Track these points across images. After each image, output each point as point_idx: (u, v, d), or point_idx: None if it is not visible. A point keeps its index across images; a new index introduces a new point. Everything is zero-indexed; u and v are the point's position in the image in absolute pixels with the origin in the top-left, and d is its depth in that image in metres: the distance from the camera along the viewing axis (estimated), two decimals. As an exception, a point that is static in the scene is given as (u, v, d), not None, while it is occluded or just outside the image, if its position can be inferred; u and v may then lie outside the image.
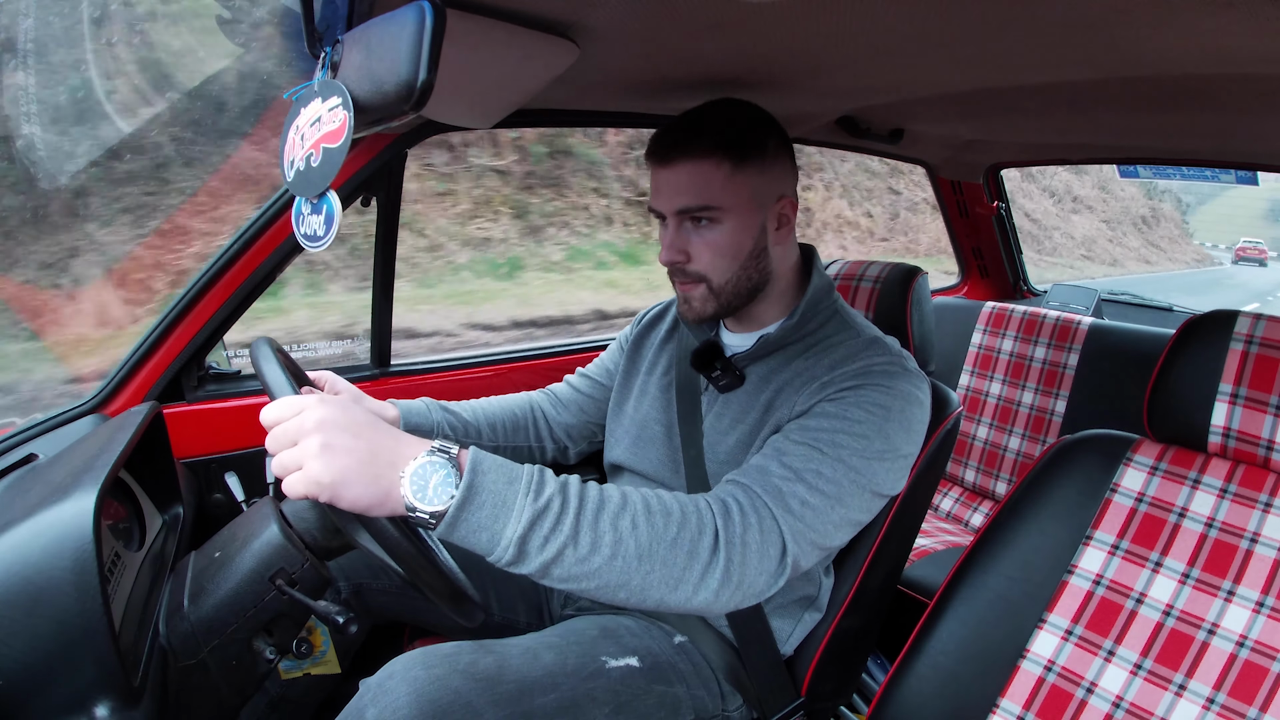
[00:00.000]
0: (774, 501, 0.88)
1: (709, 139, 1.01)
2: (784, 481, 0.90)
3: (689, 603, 0.82)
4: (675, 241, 1.06)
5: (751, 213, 1.04)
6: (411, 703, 0.87)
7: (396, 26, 0.73)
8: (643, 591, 0.79)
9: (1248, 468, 0.93)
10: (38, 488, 0.94)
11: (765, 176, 1.04)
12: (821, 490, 0.90)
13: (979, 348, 2.19)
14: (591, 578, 0.77)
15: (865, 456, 0.93)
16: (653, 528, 0.80)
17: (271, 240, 1.35)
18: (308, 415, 0.73)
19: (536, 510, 0.75)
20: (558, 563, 0.75)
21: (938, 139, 2.12)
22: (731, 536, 0.83)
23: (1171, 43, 0.87)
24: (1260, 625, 0.86)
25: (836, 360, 1.02)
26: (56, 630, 0.76)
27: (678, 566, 0.80)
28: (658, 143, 1.05)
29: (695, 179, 1.02)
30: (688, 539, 0.81)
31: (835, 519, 0.91)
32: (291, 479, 0.71)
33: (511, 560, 0.74)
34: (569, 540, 0.76)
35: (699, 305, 1.08)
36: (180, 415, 1.39)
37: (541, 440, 1.38)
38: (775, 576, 0.87)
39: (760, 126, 1.05)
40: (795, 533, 0.88)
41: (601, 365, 1.40)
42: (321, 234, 0.92)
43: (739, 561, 0.83)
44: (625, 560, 0.77)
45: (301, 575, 0.89)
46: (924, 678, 1.02)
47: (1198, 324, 0.97)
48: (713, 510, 0.85)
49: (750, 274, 1.07)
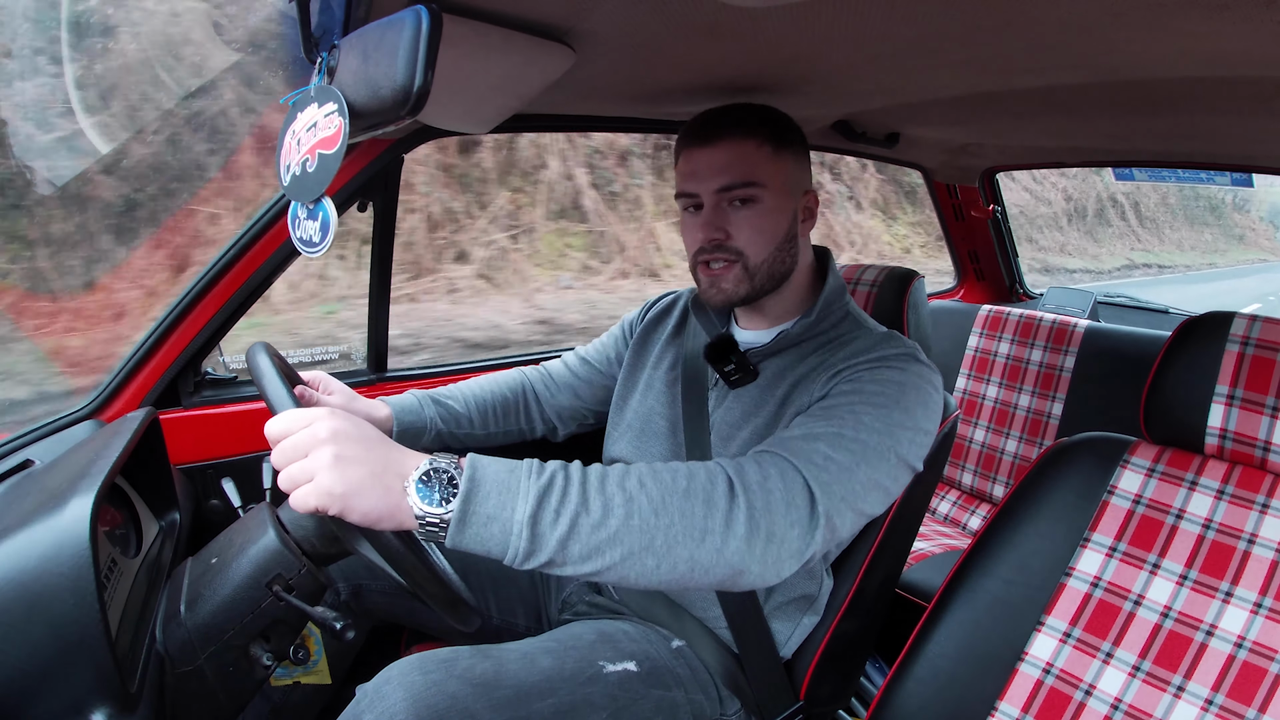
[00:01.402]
0: (792, 454, 0.85)
1: (751, 121, 1.06)
2: (802, 442, 0.87)
3: (722, 553, 0.76)
4: (714, 219, 1.07)
5: (787, 197, 1.08)
6: (408, 708, 0.86)
7: (393, 32, 0.73)
8: (669, 550, 0.75)
9: (1244, 469, 0.94)
10: (34, 494, 0.93)
11: (799, 165, 1.10)
12: (844, 447, 0.87)
13: (975, 351, 2.19)
14: (612, 545, 0.74)
15: (886, 424, 0.91)
16: (660, 483, 0.77)
17: (267, 246, 1.35)
18: (320, 426, 0.72)
19: (541, 486, 0.74)
20: (574, 536, 0.73)
21: (933, 143, 2.12)
22: (748, 482, 0.80)
23: (1165, 46, 0.87)
24: (1258, 626, 0.86)
25: (853, 351, 1.03)
26: (53, 636, 0.76)
27: (697, 516, 0.76)
28: (699, 124, 1.08)
29: (739, 156, 1.05)
30: (700, 487, 0.78)
31: (862, 478, 0.87)
32: (303, 491, 0.70)
33: (527, 548, 0.72)
34: (580, 508, 0.73)
35: (731, 287, 1.09)
36: (177, 421, 1.39)
37: (532, 421, 1.39)
38: (809, 530, 0.82)
39: (792, 124, 1.11)
40: (822, 484, 0.84)
41: (602, 351, 1.40)
42: (318, 240, 0.92)
43: (763, 507, 0.79)
44: (642, 517, 0.74)
45: (298, 581, 0.89)
46: (922, 681, 1.01)
47: (1194, 326, 0.97)
48: (721, 465, 0.82)
49: (784, 258, 1.10)
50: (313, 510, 0.70)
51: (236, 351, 1.53)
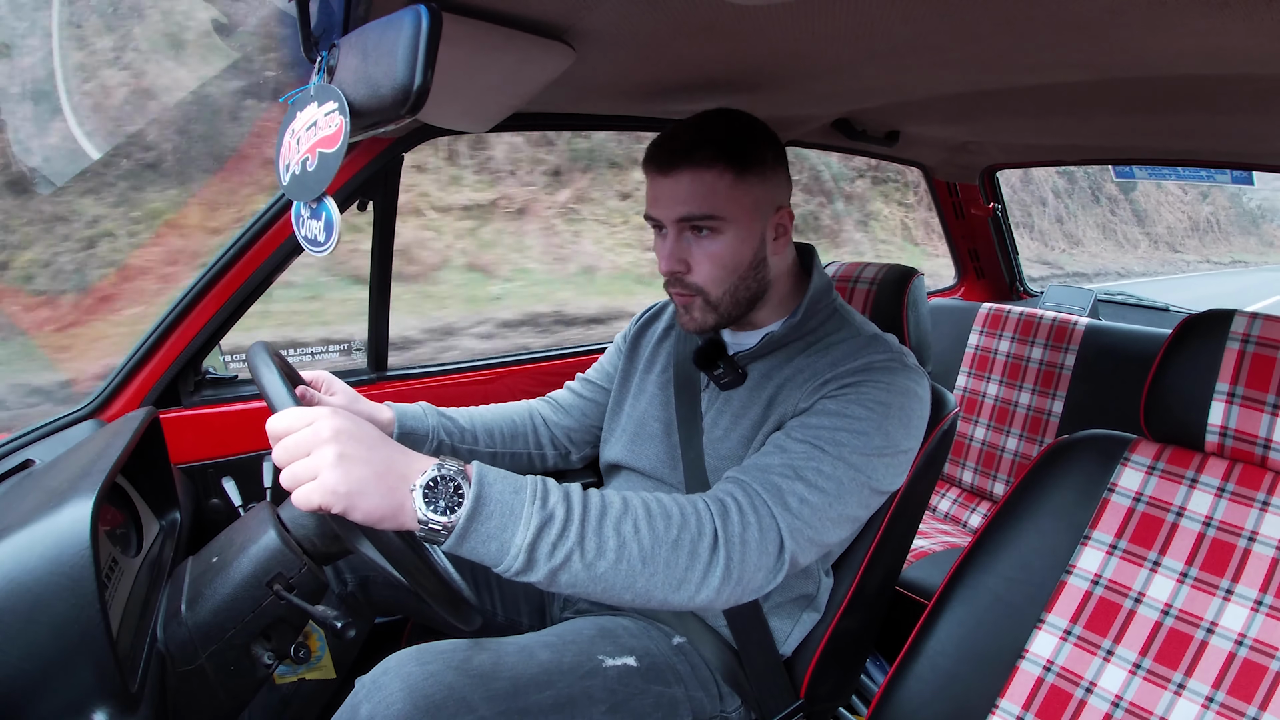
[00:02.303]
0: (772, 499, 0.89)
1: (711, 148, 1.00)
2: (783, 479, 0.90)
3: (691, 601, 0.83)
4: (676, 251, 1.05)
5: (752, 223, 1.04)
6: (405, 698, 0.87)
7: (393, 30, 0.73)
8: (647, 593, 0.81)
9: (1245, 466, 0.94)
10: (35, 494, 0.93)
11: (765, 186, 1.04)
12: (821, 488, 0.91)
13: (976, 349, 2.19)
14: (597, 582, 0.78)
15: (865, 453, 0.94)
16: (654, 531, 0.81)
17: (268, 245, 1.35)
18: (322, 425, 0.72)
19: (544, 518, 0.76)
20: (565, 569, 0.77)
21: (933, 141, 2.12)
22: (731, 536, 0.84)
23: (1166, 44, 0.87)
24: (1259, 623, 0.86)
25: (838, 358, 1.03)
26: (54, 636, 0.76)
27: (680, 567, 0.81)
28: (658, 150, 1.04)
29: (698, 187, 1.01)
30: (688, 540, 0.82)
31: (834, 515, 0.92)
32: (305, 490, 0.71)
33: (520, 569, 0.75)
34: (575, 546, 0.77)
35: (699, 316, 1.08)
36: (177, 420, 1.39)
37: (541, 447, 1.37)
38: (773, 572, 0.88)
39: (759, 137, 1.04)
40: (793, 530, 0.88)
41: (601, 369, 1.40)
42: (323, 240, 0.92)
43: (739, 560, 0.84)
44: (629, 564, 0.79)
45: (299, 580, 0.89)
46: (923, 679, 1.02)
47: (1194, 323, 0.97)
48: (711, 511, 0.86)
49: (749, 284, 1.07)
50: (316, 508, 0.70)
51: (237, 349, 1.53)
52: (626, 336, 1.38)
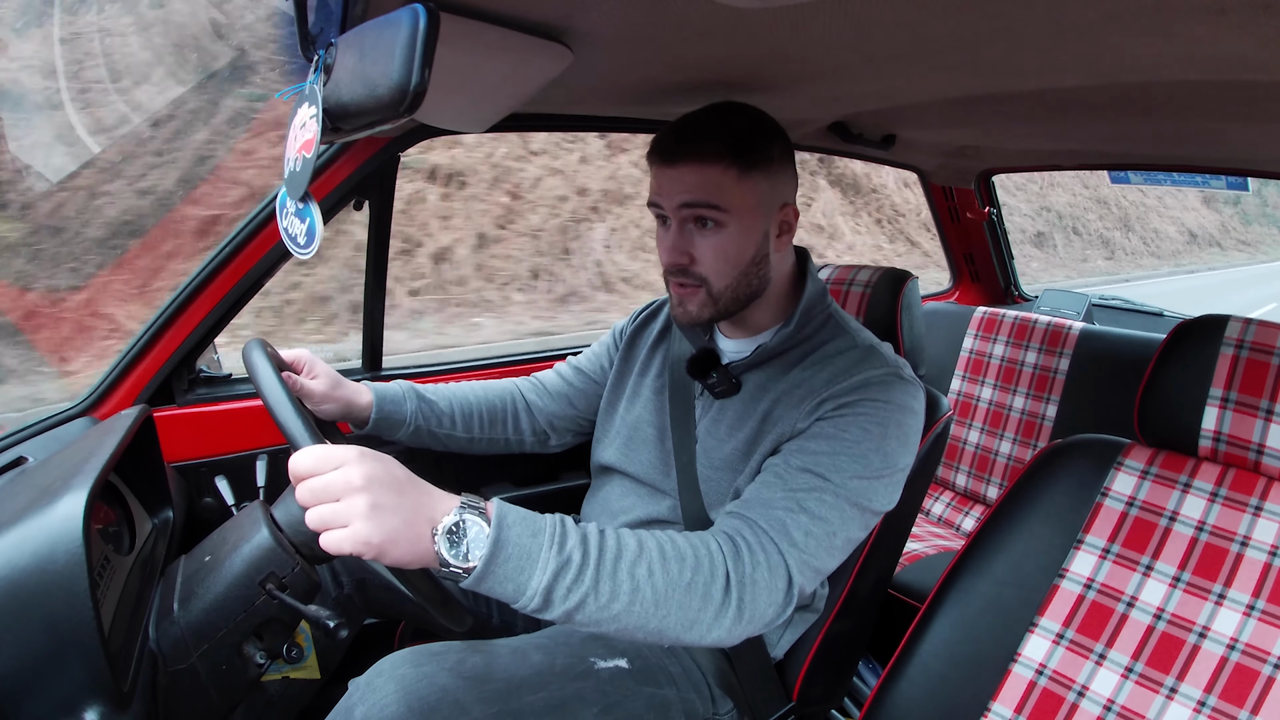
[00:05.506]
0: (779, 536, 0.89)
1: (716, 142, 0.99)
2: (788, 514, 0.91)
3: (703, 640, 0.84)
4: (679, 243, 1.04)
5: (756, 219, 1.03)
6: (399, 700, 0.87)
7: (390, 30, 0.73)
8: (660, 633, 0.82)
9: (1238, 471, 0.94)
10: (27, 491, 0.93)
11: (770, 182, 1.03)
12: (824, 518, 0.91)
13: (970, 353, 2.20)
14: (611, 622, 0.79)
15: (865, 477, 0.94)
16: (668, 574, 0.81)
17: (263, 244, 1.35)
18: (353, 471, 0.72)
19: (560, 562, 0.76)
20: (580, 610, 0.78)
21: (930, 145, 2.12)
22: (743, 577, 0.85)
23: (1162, 50, 0.87)
24: (1251, 628, 0.86)
25: (834, 373, 1.02)
26: (46, 634, 0.76)
27: (693, 609, 0.82)
28: (662, 143, 1.03)
29: (703, 180, 1.00)
30: (701, 583, 0.83)
31: (836, 544, 0.93)
32: (338, 536, 0.70)
33: (537, 609, 0.76)
34: (590, 590, 0.77)
35: (695, 309, 1.07)
36: (170, 419, 1.39)
37: (520, 432, 1.37)
38: (783, 607, 0.89)
39: (766, 132, 1.03)
40: (800, 564, 0.90)
41: (594, 359, 1.39)
42: (303, 242, 0.92)
43: (750, 599, 0.85)
44: (643, 606, 0.80)
45: (292, 580, 0.89)
46: (915, 682, 1.02)
47: (1189, 329, 0.97)
48: (723, 551, 0.86)
49: (750, 280, 1.06)
50: (347, 555, 0.71)
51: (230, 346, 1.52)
52: (624, 332, 1.36)
